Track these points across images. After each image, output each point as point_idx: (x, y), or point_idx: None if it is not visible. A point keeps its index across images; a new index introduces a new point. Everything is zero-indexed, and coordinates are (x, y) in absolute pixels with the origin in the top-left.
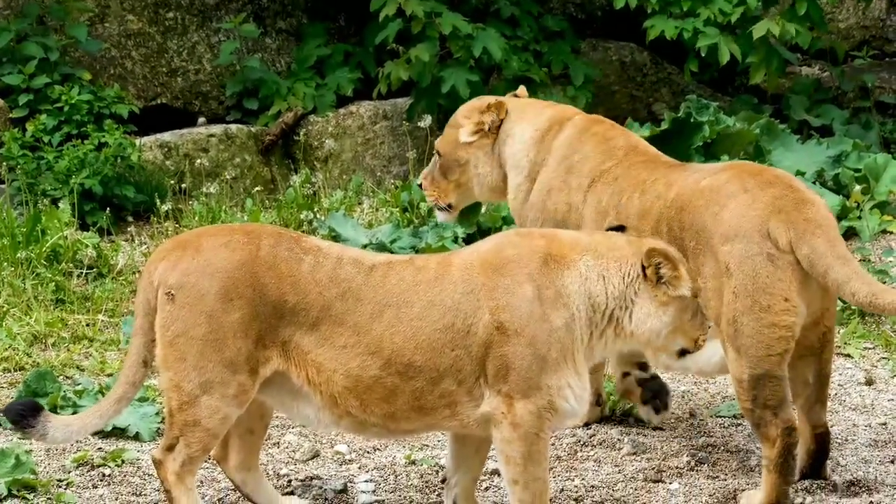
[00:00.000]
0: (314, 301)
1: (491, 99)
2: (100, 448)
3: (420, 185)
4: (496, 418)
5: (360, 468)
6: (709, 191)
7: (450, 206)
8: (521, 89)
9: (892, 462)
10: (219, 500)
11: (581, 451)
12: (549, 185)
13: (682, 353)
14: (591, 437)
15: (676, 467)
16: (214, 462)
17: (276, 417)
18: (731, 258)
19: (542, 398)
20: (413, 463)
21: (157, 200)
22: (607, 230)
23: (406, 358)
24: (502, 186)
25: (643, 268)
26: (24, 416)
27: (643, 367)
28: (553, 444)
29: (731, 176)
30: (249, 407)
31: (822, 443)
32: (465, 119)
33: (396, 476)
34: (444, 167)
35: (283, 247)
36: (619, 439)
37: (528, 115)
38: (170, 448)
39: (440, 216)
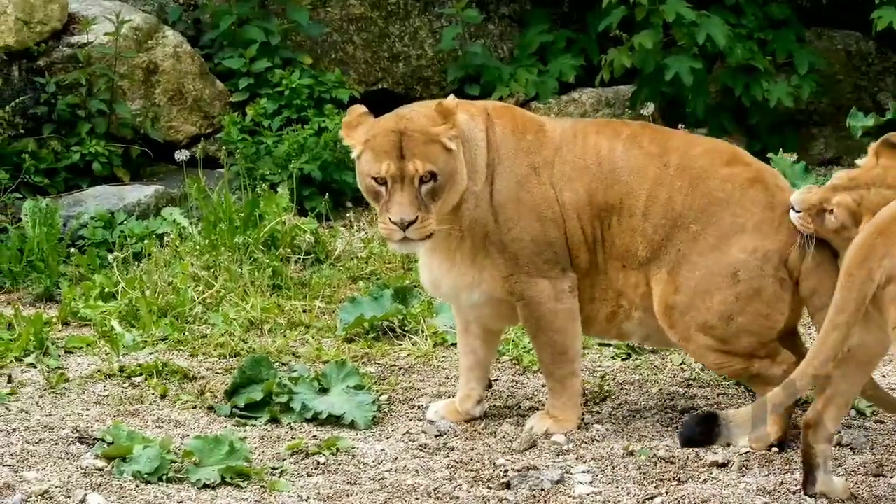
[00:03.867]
0: None
1: (433, 102)
2: (314, 436)
3: (409, 224)
4: None
5: (577, 458)
6: None
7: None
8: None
9: None
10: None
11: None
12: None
13: None
14: None
15: None
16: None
17: (495, 406)
18: None
19: None
20: (631, 454)
21: None
22: None
23: None
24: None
25: None
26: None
27: None
28: None
29: None
30: None
31: None
32: (439, 126)
33: (614, 467)
34: (439, 188)
35: None
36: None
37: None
38: None
39: (417, 246)
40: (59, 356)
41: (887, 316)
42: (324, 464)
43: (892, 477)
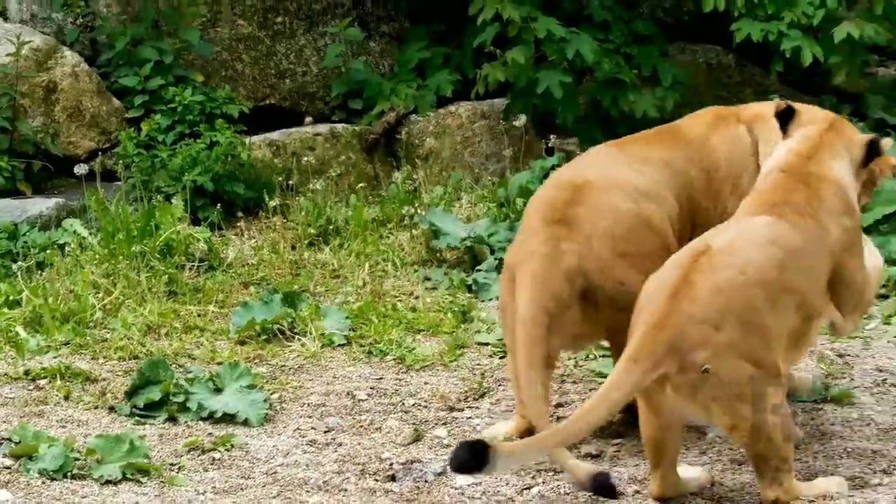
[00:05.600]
0: None
1: None
2: (210, 433)
3: None
4: None
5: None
6: None
7: None
8: None
9: None
10: None
11: None
12: None
13: None
14: None
15: None
16: None
17: (380, 402)
18: None
19: None
20: None
21: (266, 196)
22: None
23: None
24: None
25: None
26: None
27: None
28: None
29: None
30: None
31: None
32: None
33: None
34: None
35: None
36: None
37: None
38: None
39: None
40: None
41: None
42: (219, 459)
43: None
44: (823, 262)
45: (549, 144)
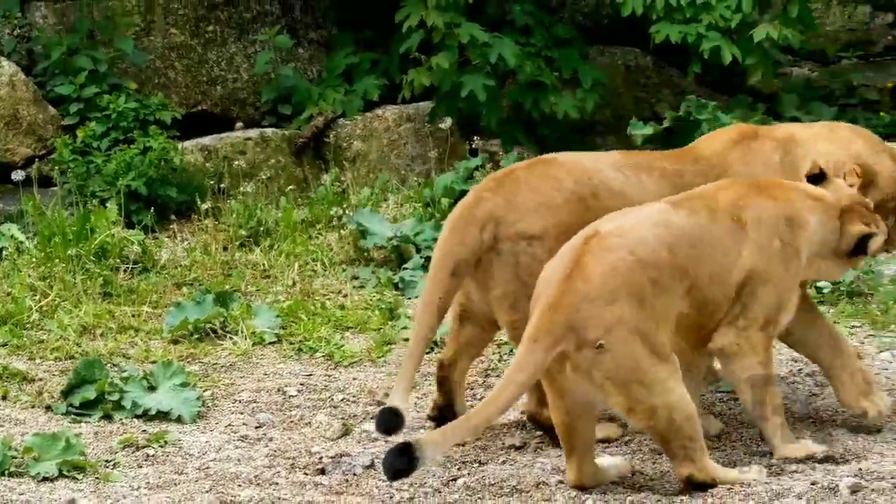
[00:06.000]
0: None
1: None
2: (144, 430)
3: None
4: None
5: (387, 444)
6: None
7: None
8: None
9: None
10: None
11: None
12: None
13: None
14: None
15: None
16: None
17: (309, 398)
18: None
19: None
20: None
21: (198, 200)
22: None
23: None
24: None
25: None
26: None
27: None
28: None
29: None
30: None
31: None
32: None
33: None
34: None
35: None
36: None
37: None
38: None
39: None
40: None
41: (597, 380)
42: (153, 456)
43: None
44: (728, 259)
45: (473, 146)
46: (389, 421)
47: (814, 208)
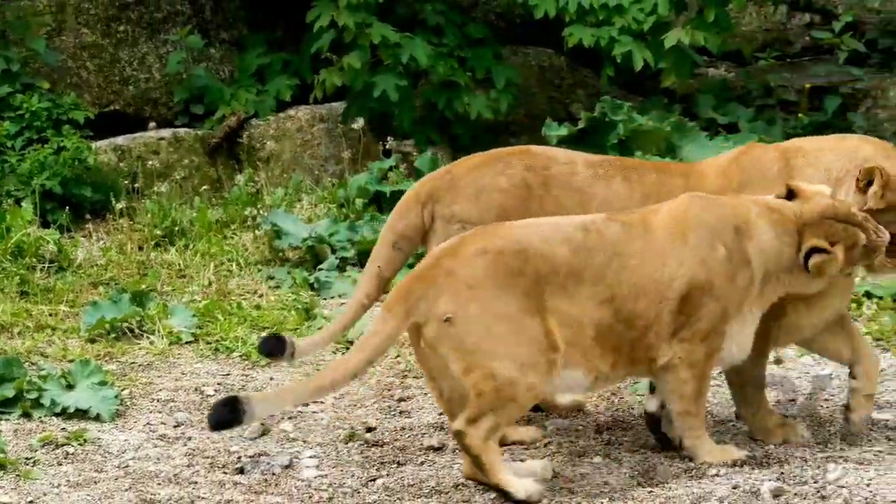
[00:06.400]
0: None
1: None
2: (63, 428)
3: None
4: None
5: (304, 445)
6: None
7: None
8: None
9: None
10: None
11: None
12: None
13: None
14: None
15: None
16: None
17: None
18: None
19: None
20: (352, 438)
21: (113, 199)
22: None
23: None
24: None
25: None
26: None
27: None
28: None
29: None
30: None
31: None
32: None
33: (338, 452)
34: None
35: None
36: None
37: None
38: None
39: None
40: None
41: (441, 352)
42: (73, 454)
43: (594, 457)
44: (661, 273)
45: (387, 146)
46: (272, 346)
47: (766, 218)
